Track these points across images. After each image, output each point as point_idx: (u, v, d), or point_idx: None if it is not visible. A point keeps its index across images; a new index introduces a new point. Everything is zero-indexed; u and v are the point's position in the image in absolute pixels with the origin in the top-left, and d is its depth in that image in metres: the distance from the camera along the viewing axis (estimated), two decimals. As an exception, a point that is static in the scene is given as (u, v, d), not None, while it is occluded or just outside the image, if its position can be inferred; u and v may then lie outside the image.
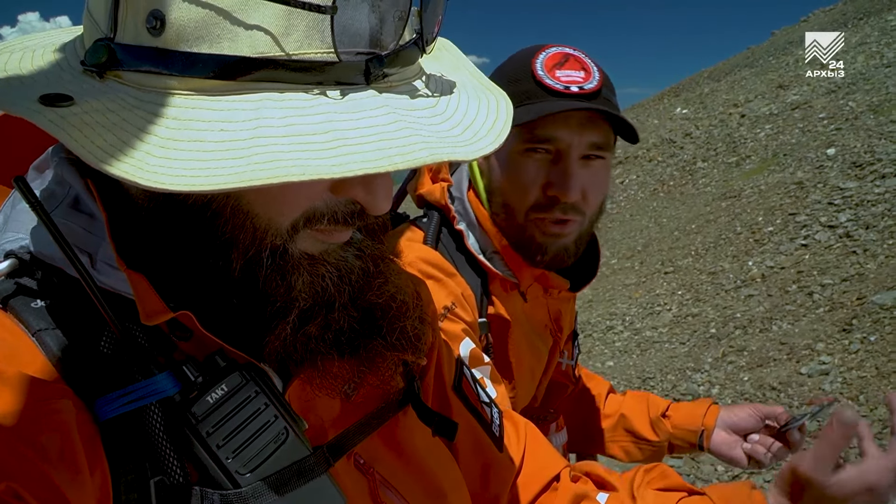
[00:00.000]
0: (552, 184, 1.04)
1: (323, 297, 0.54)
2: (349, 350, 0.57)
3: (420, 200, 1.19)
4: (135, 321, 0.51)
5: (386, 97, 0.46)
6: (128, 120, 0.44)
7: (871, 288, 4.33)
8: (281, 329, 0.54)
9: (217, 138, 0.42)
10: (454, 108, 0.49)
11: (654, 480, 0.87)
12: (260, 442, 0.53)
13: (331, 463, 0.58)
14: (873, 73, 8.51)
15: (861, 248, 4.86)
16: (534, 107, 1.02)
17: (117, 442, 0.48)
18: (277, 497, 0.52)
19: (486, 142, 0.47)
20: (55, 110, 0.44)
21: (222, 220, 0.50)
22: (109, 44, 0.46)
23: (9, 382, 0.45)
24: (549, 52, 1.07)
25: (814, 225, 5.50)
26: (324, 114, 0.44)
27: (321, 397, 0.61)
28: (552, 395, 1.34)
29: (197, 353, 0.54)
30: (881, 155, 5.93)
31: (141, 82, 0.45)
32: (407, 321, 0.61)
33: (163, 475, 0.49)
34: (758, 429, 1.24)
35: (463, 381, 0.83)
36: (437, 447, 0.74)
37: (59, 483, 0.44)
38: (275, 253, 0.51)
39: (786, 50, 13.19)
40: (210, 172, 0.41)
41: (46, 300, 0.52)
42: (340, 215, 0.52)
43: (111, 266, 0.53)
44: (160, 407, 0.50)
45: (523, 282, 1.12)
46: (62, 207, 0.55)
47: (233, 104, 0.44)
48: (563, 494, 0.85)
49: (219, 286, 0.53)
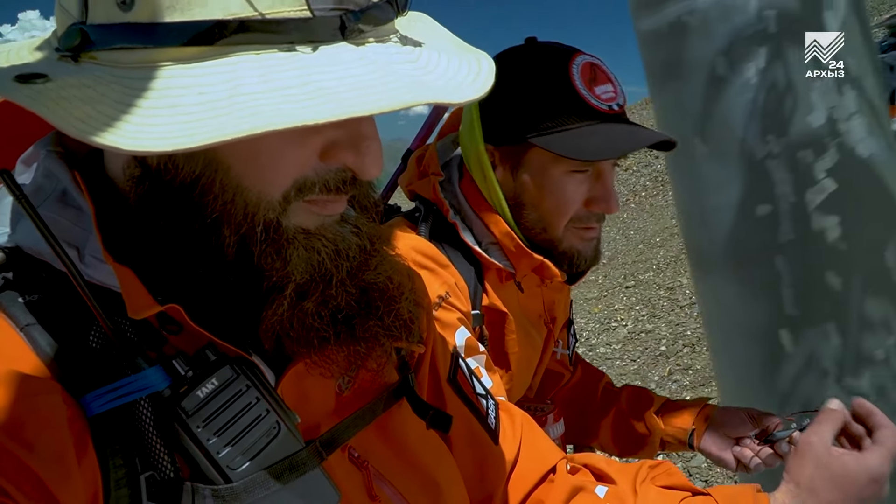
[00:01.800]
0: (595, 199, 1.08)
1: (319, 271, 0.54)
2: (346, 330, 0.57)
3: (412, 194, 1.20)
4: (123, 315, 0.51)
5: (363, 50, 0.46)
6: (105, 94, 0.44)
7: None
8: (278, 304, 0.53)
9: (195, 101, 0.42)
10: (435, 63, 0.48)
11: (658, 477, 0.86)
12: (252, 436, 0.53)
13: (324, 457, 0.58)
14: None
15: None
16: (592, 138, 1.03)
17: (107, 437, 0.48)
18: (269, 491, 0.52)
19: (471, 90, 0.47)
20: (31, 86, 0.44)
21: (211, 196, 0.50)
22: (82, 27, 0.46)
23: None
24: (579, 63, 1.06)
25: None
26: (301, 68, 0.44)
27: (314, 391, 0.61)
28: (548, 384, 1.37)
29: (187, 347, 0.54)
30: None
31: (116, 59, 0.45)
32: (403, 303, 0.62)
33: (153, 470, 0.49)
34: (749, 433, 1.25)
35: (458, 373, 0.83)
36: (431, 440, 0.74)
37: (46, 480, 0.44)
38: (268, 227, 0.51)
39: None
40: (191, 131, 0.41)
41: (34, 295, 0.51)
42: (332, 183, 0.52)
43: (99, 260, 0.52)
44: (150, 402, 0.50)
45: (520, 271, 1.14)
46: (50, 201, 0.55)
47: (209, 68, 0.44)
48: (559, 486, 0.84)
49: (212, 268, 0.52)
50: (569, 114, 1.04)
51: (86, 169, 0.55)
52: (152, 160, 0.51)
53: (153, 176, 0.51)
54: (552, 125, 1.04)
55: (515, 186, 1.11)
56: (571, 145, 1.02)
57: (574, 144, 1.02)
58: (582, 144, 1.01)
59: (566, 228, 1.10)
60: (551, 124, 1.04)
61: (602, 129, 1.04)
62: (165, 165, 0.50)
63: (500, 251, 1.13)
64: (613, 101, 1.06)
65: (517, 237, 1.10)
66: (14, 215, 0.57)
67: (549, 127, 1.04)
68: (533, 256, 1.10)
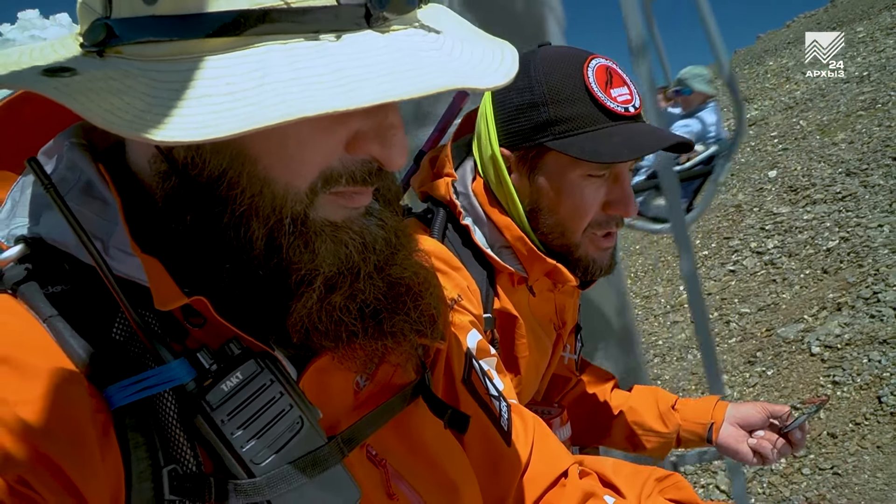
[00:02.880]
0: (613, 203, 1.07)
1: (347, 264, 0.53)
2: (374, 325, 0.57)
3: (424, 195, 1.19)
4: (148, 308, 0.51)
5: (388, 38, 0.46)
6: (132, 86, 0.43)
7: (781, 319, 4.44)
8: (307, 297, 0.53)
9: (224, 91, 0.42)
10: (459, 51, 0.48)
11: (666, 490, 0.86)
12: (275, 431, 0.52)
13: (345, 453, 0.57)
14: (832, 89, 8.58)
15: (781, 276, 4.97)
16: (608, 139, 1.03)
17: (130, 430, 0.48)
18: (292, 486, 0.52)
19: (497, 75, 0.46)
20: (58, 79, 0.44)
21: (239, 190, 0.49)
22: (106, 21, 0.46)
23: (19, 369, 0.45)
24: (594, 66, 1.06)
25: (744, 250, 5.61)
26: (329, 55, 0.43)
27: (334, 387, 0.61)
28: (554, 388, 1.37)
29: (211, 340, 0.53)
30: (816, 179, 6.03)
31: (142, 53, 0.45)
32: (428, 298, 0.61)
33: (176, 464, 0.49)
34: (764, 426, 1.30)
35: (472, 374, 0.82)
36: (447, 440, 0.74)
37: (69, 472, 0.44)
38: (296, 220, 0.51)
39: (760, 59, 13.24)
40: (220, 120, 0.40)
41: (58, 286, 0.51)
42: (358, 174, 0.52)
43: (124, 252, 0.52)
44: (174, 395, 0.50)
45: (532, 275, 1.12)
46: (74, 192, 0.54)
47: (236, 59, 0.43)
48: (571, 491, 0.83)
49: (241, 262, 0.52)
50: (585, 117, 1.03)
51: (109, 162, 0.55)
52: (179, 154, 0.50)
53: (180, 171, 0.51)
54: (569, 128, 1.04)
55: (532, 191, 1.10)
56: (589, 148, 1.01)
57: (592, 147, 1.01)
58: (600, 147, 1.01)
59: (584, 234, 1.09)
60: (568, 128, 1.04)
61: (619, 130, 1.03)
62: (192, 160, 0.50)
63: (513, 255, 1.12)
64: (629, 103, 1.05)
65: (530, 241, 1.09)
66: (36, 207, 0.55)
67: (566, 130, 1.04)
68: (546, 261, 1.09)
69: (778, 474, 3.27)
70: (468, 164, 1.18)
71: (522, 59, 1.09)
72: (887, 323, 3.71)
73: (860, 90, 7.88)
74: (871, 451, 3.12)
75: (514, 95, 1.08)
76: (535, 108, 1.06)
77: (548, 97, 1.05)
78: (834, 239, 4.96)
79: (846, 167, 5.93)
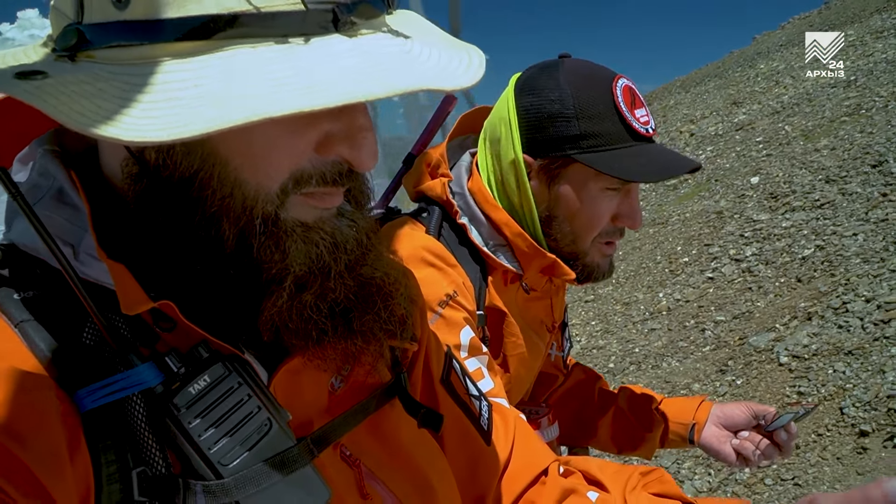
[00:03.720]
0: (622, 216, 1.14)
1: (318, 264, 0.54)
2: (343, 323, 0.57)
3: (417, 195, 1.22)
4: (117, 312, 0.51)
5: (355, 41, 0.47)
6: (103, 89, 0.44)
7: (754, 328, 4.47)
8: (277, 295, 0.54)
9: (193, 94, 0.43)
10: (427, 55, 0.48)
11: (650, 484, 0.87)
12: (244, 433, 0.53)
13: (315, 454, 0.58)
14: (819, 93, 8.61)
15: (757, 284, 5.00)
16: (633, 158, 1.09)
17: (99, 433, 0.48)
18: (260, 487, 0.52)
19: (464, 78, 0.47)
20: (30, 82, 0.45)
21: (209, 191, 0.50)
22: (78, 27, 0.47)
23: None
24: (620, 86, 1.11)
25: (723, 257, 5.64)
26: (296, 58, 0.45)
27: (307, 389, 0.62)
28: (541, 386, 1.38)
29: (180, 344, 0.54)
30: (797, 186, 6.06)
31: (113, 57, 0.46)
32: (398, 299, 0.62)
33: (145, 466, 0.50)
34: (748, 426, 1.29)
35: (451, 374, 0.83)
36: (424, 440, 0.74)
37: (39, 475, 0.44)
38: (267, 220, 0.52)
39: (752, 62, 13.26)
40: (188, 121, 0.41)
41: (29, 292, 0.52)
42: (329, 175, 0.52)
43: (94, 257, 0.53)
44: (142, 398, 0.50)
45: (529, 272, 1.16)
46: (46, 199, 0.55)
47: (205, 62, 0.44)
48: (550, 489, 0.85)
49: (211, 261, 0.53)
50: (613, 134, 1.09)
51: (82, 168, 0.56)
52: (150, 156, 0.51)
53: (151, 172, 0.51)
54: (597, 144, 1.09)
55: (550, 199, 1.14)
56: (617, 166, 1.07)
57: (619, 165, 1.07)
58: (627, 165, 1.07)
59: (592, 243, 1.14)
60: (596, 143, 1.09)
61: (641, 150, 1.10)
62: (164, 161, 0.50)
63: (509, 252, 1.15)
64: (648, 124, 1.12)
65: (529, 237, 1.13)
66: (9, 213, 0.57)
67: (594, 145, 1.09)
68: (546, 255, 1.12)
69: (741, 484, 3.31)
70: (463, 165, 1.21)
71: (550, 69, 1.17)
72: (854, 334, 3.74)
73: (846, 95, 7.91)
74: (831, 462, 3.16)
75: (543, 104, 1.12)
76: (565, 120, 1.10)
77: (579, 111, 1.09)
78: (810, 247, 4.99)
79: (826, 174, 5.96)
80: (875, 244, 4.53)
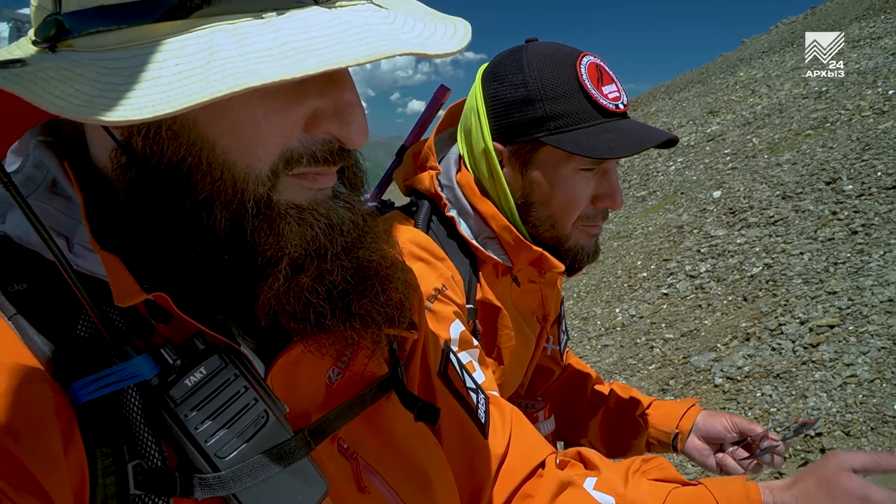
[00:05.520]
0: (602, 196, 1.13)
1: (313, 246, 0.54)
2: (342, 307, 0.57)
3: (407, 189, 1.21)
4: (112, 304, 0.51)
5: (336, 12, 0.47)
6: (82, 74, 0.44)
7: (698, 347, 4.54)
8: (273, 278, 0.53)
9: (173, 71, 0.43)
10: (412, 24, 0.48)
11: (650, 471, 0.88)
12: (240, 425, 0.53)
13: (312, 446, 0.58)
14: (790, 104, 8.66)
15: (707, 301, 5.06)
16: (602, 135, 1.06)
17: (94, 426, 0.48)
18: (258, 480, 0.52)
19: (450, 44, 0.47)
20: (9, 70, 0.45)
21: (199, 175, 0.50)
22: (56, 17, 0.47)
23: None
24: (586, 63, 1.10)
25: (679, 273, 5.70)
26: (275, 31, 0.44)
27: (304, 382, 0.62)
28: (538, 380, 1.39)
29: (176, 336, 0.54)
30: (755, 202, 6.12)
31: (93, 44, 0.46)
32: (396, 283, 0.62)
33: (141, 459, 0.49)
34: (732, 441, 1.28)
35: (448, 367, 0.83)
36: (421, 433, 0.74)
37: (33, 468, 0.44)
38: (259, 203, 0.51)
39: (734, 69, 13.31)
40: (169, 98, 0.41)
41: (22, 284, 0.51)
42: (319, 154, 0.52)
43: (88, 249, 0.53)
44: (138, 390, 0.50)
45: (517, 265, 1.15)
46: (40, 191, 0.55)
47: (184, 41, 0.44)
48: (548, 481, 0.85)
49: (205, 247, 0.52)
50: (579, 113, 1.07)
51: (73, 158, 0.55)
52: (137, 144, 0.51)
53: (139, 161, 0.51)
54: (563, 124, 1.07)
55: (524, 185, 1.13)
56: (585, 144, 1.05)
57: (588, 143, 1.05)
58: (595, 143, 1.05)
59: (574, 226, 1.13)
60: (562, 123, 1.07)
61: (611, 127, 1.07)
62: (151, 149, 0.50)
63: (498, 245, 1.14)
64: (619, 100, 1.10)
65: (516, 230, 1.12)
66: (2, 205, 0.57)
67: (561, 126, 1.07)
68: (532, 248, 1.11)
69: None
70: (452, 157, 1.21)
71: (513, 55, 1.15)
72: (784, 356, 3.81)
73: (815, 107, 7.97)
74: (749, 486, 3.23)
75: (507, 91, 1.12)
76: (529, 104, 1.09)
77: (542, 93, 1.08)
78: (759, 265, 5.06)
79: (784, 190, 6.02)
80: (818, 265, 4.60)
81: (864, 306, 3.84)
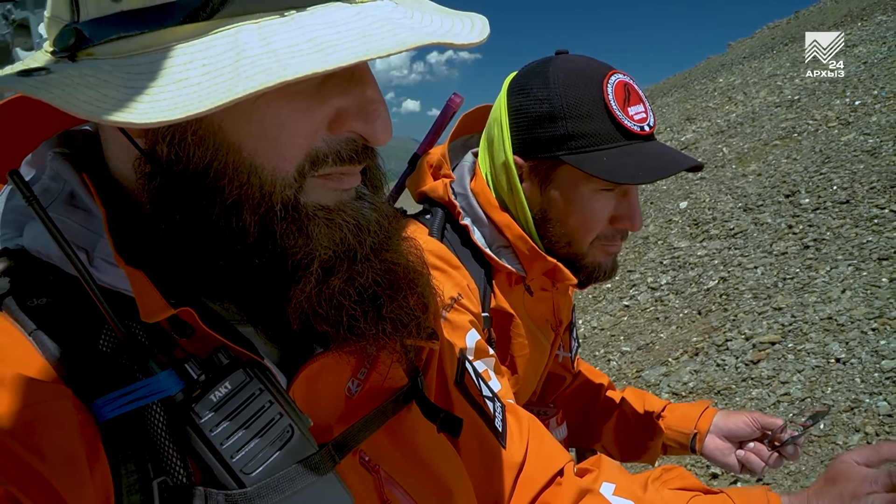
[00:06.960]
0: (621, 217, 1.12)
1: (343, 247, 0.54)
2: (373, 309, 0.57)
3: (421, 197, 1.21)
4: (134, 319, 0.51)
5: (359, 7, 0.47)
6: (107, 80, 0.44)
7: (651, 361, 4.62)
8: (305, 281, 0.53)
9: (201, 72, 0.42)
10: (430, 19, 0.49)
11: (671, 480, 0.89)
12: (265, 440, 0.52)
13: (336, 460, 0.58)
14: (763, 112, 8.75)
15: (664, 314, 5.15)
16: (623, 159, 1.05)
17: (119, 442, 0.48)
18: (283, 496, 0.52)
19: (472, 35, 0.48)
20: (35, 77, 0.45)
21: (226, 180, 0.50)
22: (75, 26, 0.46)
23: (4, 384, 0.45)
24: (613, 82, 1.08)
25: (642, 285, 5.79)
26: (301, 27, 0.44)
27: (325, 394, 0.61)
28: (550, 387, 1.40)
29: (199, 350, 0.53)
30: (718, 213, 6.21)
31: (114, 50, 0.45)
32: (423, 286, 0.62)
33: (166, 476, 0.49)
34: (753, 437, 1.27)
35: (465, 376, 0.83)
36: (441, 444, 0.74)
37: (58, 487, 0.44)
38: (287, 205, 0.51)
39: (714, 75, 13.39)
40: (199, 98, 0.41)
41: (42, 299, 0.51)
42: (345, 153, 0.52)
43: (109, 263, 0.52)
44: (162, 406, 0.50)
45: (531, 274, 1.15)
46: (57, 203, 0.55)
47: (209, 42, 0.44)
48: (566, 489, 0.85)
49: (235, 252, 0.52)
50: (602, 134, 1.07)
51: (90, 170, 0.55)
52: (162, 152, 0.50)
53: (164, 169, 0.51)
54: (585, 144, 1.07)
55: (542, 200, 1.13)
56: (605, 167, 1.05)
57: (608, 166, 1.05)
58: (615, 167, 1.05)
59: (592, 245, 1.13)
60: (584, 143, 1.07)
61: (634, 150, 1.07)
62: (176, 155, 0.50)
63: (512, 254, 1.14)
64: (644, 121, 1.08)
65: (530, 240, 1.12)
66: (18, 217, 0.56)
67: (583, 146, 1.07)
68: (546, 259, 1.11)
69: None
70: (466, 165, 1.22)
71: (540, 68, 1.16)
72: (727, 373, 3.90)
73: (785, 116, 8.07)
74: (684, 502, 3.31)
75: (531, 105, 1.12)
76: (552, 121, 1.09)
77: (566, 111, 1.08)
78: (715, 278, 5.15)
79: (746, 202, 6.11)
80: (769, 279, 4.69)
81: (805, 323, 3.92)
